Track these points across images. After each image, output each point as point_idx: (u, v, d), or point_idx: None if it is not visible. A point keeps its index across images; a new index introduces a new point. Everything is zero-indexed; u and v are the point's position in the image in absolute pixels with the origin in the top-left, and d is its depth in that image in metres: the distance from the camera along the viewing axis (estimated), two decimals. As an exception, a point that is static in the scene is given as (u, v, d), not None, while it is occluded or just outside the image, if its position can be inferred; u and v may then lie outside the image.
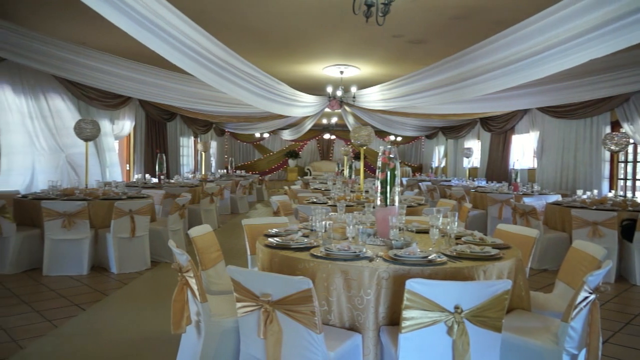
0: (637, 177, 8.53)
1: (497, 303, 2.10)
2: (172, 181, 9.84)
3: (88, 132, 6.59)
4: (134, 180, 9.99)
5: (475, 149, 14.19)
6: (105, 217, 5.66)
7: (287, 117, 12.41)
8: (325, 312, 2.48)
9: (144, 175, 9.93)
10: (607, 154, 8.79)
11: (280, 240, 2.96)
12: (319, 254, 2.63)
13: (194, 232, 3.26)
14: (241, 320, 2.31)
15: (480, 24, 6.22)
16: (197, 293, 2.50)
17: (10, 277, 5.25)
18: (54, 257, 5.38)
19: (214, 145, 18.13)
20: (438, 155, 18.36)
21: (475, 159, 14.42)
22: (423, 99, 7.87)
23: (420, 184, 11.91)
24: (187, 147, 15.12)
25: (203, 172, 12.95)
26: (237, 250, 6.62)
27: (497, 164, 12.84)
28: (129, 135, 11.35)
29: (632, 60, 6.07)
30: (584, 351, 2.35)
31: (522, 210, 6.35)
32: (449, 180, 12.86)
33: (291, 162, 23.13)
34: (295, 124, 16.18)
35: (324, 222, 3.15)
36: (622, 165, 8.89)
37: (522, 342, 2.38)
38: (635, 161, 8.59)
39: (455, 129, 15.78)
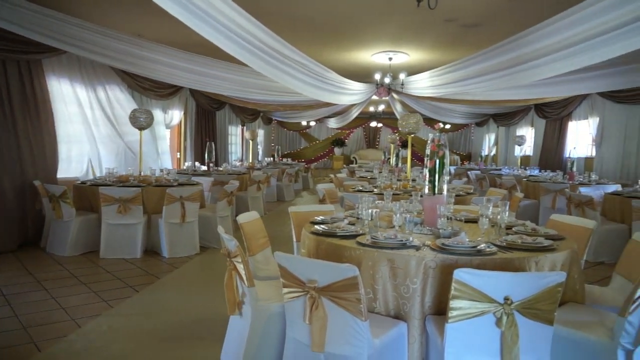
0: None
1: (549, 295, 2.03)
2: (221, 169, 10.06)
3: (142, 121, 6.84)
4: (185, 167, 10.30)
5: (528, 137, 13.67)
6: (158, 203, 5.88)
7: (334, 105, 12.38)
8: (370, 299, 2.49)
9: (194, 163, 10.20)
10: (674, 142, 8.25)
11: (326, 228, 2.98)
12: (365, 242, 2.63)
13: (242, 218, 3.33)
14: (287, 306, 2.35)
15: (538, 4, 5.94)
16: (244, 278, 2.56)
17: (69, 259, 5.57)
18: (110, 240, 5.65)
19: (261, 133, 18.39)
20: (488, 143, 17.83)
21: (527, 147, 13.90)
22: (475, 85, 7.64)
23: (468, 172, 11.62)
24: (235, 135, 15.40)
25: (250, 160, 13.17)
26: (283, 237, 6.72)
27: (551, 153, 12.32)
28: (180, 123, 11.68)
29: None
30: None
31: (577, 200, 6.09)
32: (500, 169, 12.45)
33: (337, 151, 23.13)
34: (342, 112, 16.12)
35: (370, 210, 3.14)
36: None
37: (575, 335, 2.30)
38: None
39: (507, 116, 15.25)
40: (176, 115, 10.95)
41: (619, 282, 2.99)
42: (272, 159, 16.00)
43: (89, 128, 7.77)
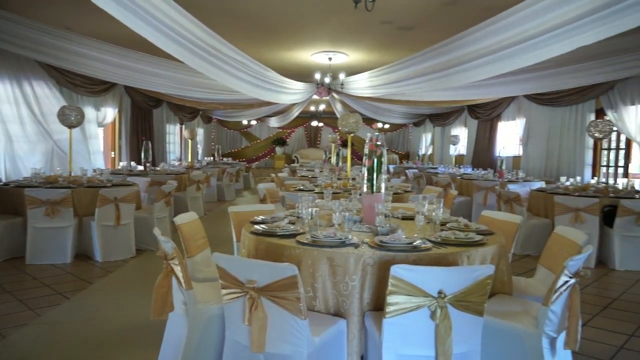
0: (619, 164, 8.66)
1: (479, 288, 2.13)
2: (158, 169, 9.76)
3: (72, 119, 6.49)
4: (119, 167, 9.90)
5: (462, 136, 14.27)
6: (90, 205, 5.60)
7: (275, 104, 12.34)
8: (310, 298, 2.50)
9: (130, 163, 9.84)
10: (591, 141, 8.90)
11: (266, 228, 2.96)
12: (305, 241, 2.64)
13: (180, 219, 3.25)
14: (226, 307, 2.31)
15: (470, 10, 6.21)
16: (182, 280, 2.50)
17: (-7, 265, 5.20)
18: (37, 245, 5.32)
19: (200, 132, 17.99)
20: (425, 142, 18.43)
21: (461, 147, 14.50)
22: (411, 86, 7.87)
23: (407, 171, 11.96)
24: (174, 134, 14.98)
25: (189, 160, 12.87)
26: (223, 237, 6.61)
27: (483, 151, 12.93)
28: (114, 122, 11.20)
29: (618, 47, 6.12)
30: (563, 334, 2.40)
31: (506, 197, 6.43)
32: (436, 168, 12.93)
33: (278, 150, 23.06)
34: (283, 111, 16.10)
35: (310, 209, 3.16)
36: (605, 152, 9.00)
37: (503, 325, 2.42)
38: (617, 148, 8.70)
39: (442, 116, 15.83)
40: (110, 113, 10.50)
41: (543, 273, 3.18)
42: (212, 158, 15.72)
43: (12, 125, 7.28)
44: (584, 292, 4.69)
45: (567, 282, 2.33)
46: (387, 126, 20.45)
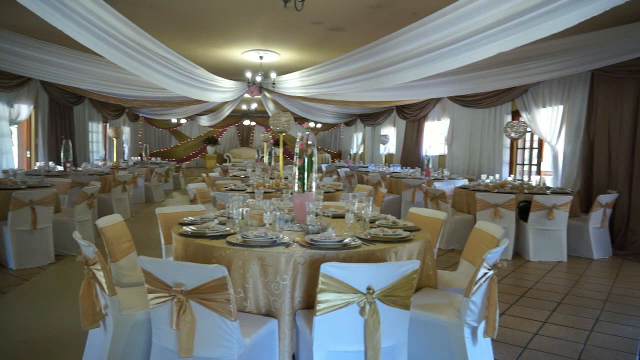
0: (533, 162, 9.30)
1: (406, 282, 2.21)
2: (80, 169, 9.23)
3: (-21, 116, 5.99)
4: (36, 168, 9.27)
5: (391, 136, 14.69)
6: (1, 209, 5.20)
7: (205, 102, 12.06)
8: (241, 299, 2.48)
9: (47, 163, 9.23)
10: (508, 141, 9.48)
11: (195, 229, 2.90)
12: (235, 241, 2.61)
13: (102, 222, 3.10)
14: (153, 312, 2.24)
15: (397, 13, 6.40)
16: (105, 286, 2.39)
17: None
18: (-59, 253, 4.87)
19: (126, 131, 17.22)
20: (356, 142, 18.79)
21: (391, 146, 14.93)
22: (342, 87, 7.99)
23: (338, 170, 12.13)
24: (97, 133, 14.22)
25: (114, 160, 12.28)
26: (151, 240, 6.37)
27: (411, 151, 13.40)
28: (30, 119, 10.45)
29: (531, 54, 6.55)
30: (483, 323, 2.55)
31: (432, 194, 6.70)
32: (366, 167, 13.24)
33: (210, 149, 22.58)
34: (214, 109, 15.77)
35: (241, 209, 3.12)
36: (520, 151, 9.64)
37: (428, 317, 2.53)
38: (531, 148, 9.34)
39: (372, 117, 16.22)
40: (24, 109, 9.77)
41: (465, 266, 3.35)
42: (139, 158, 15.10)
43: None
44: (502, 283, 5.00)
45: (486, 273, 2.47)
46: (319, 126, 20.65)
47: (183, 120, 21.13)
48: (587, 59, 6.37)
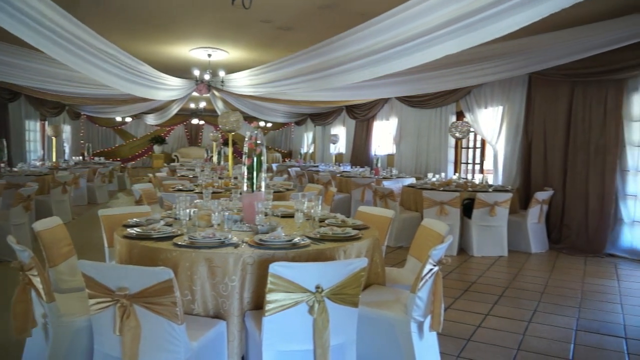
0: (477, 161, 9.66)
1: (354, 280, 2.24)
2: (16, 169, 8.74)
3: None
4: (-34, 168, 8.69)
5: (341, 136, 14.83)
6: None
7: (151, 100, 11.72)
8: (188, 301, 2.43)
9: (-21, 164, 8.66)
10: (453, 141, 9.79)
11: (140, 231, 2.81)
12: (182, 243, 2.56)
13: (40, 225, 2.95)
14: (94, 318, 2.15)
15: (346, 14, 6.46)
16: (42, 293, 2.27)
17: None
18: None
19: (67, 129, 16.44)
20: (307, 141, 18.84)
21: (341, 145, 15.07)
22: (291, 86, 7.97)
23: (289, 169, 12.12)
24: (35, 131, 13.51)
25: (54, 160, 11.71)
26: (94, 244, 6.11)
27: (361, 150, 13.57)
28: (-42, 116, 9.79)
29: (475, 57, 6.79)
30: (429, 318, 2.62)
31: (381, 193, 6.82)
32: (317, 166, 13.30)
33: (157, 149, 21.94)
34: (161, 107, 15.34)
35: (188, 210, 3.06)
36: (465, 150, 9.98)
37: (376, 314, 2.58)
38: (475, 147, 9.70)
39: (322, 116, 16.31)
40: (-49, 106, 9.14)
41: (413, 263, 3.44)
42: (81, 157, 14.48)
43: None
44: (448, 278, 5.17)
45: (431, 269, 2.55)
46: (269, 125, 20.54)
47: (128, 119, 20.42)
48: (525, 62, 6.68)
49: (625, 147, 6.33)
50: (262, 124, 18.99)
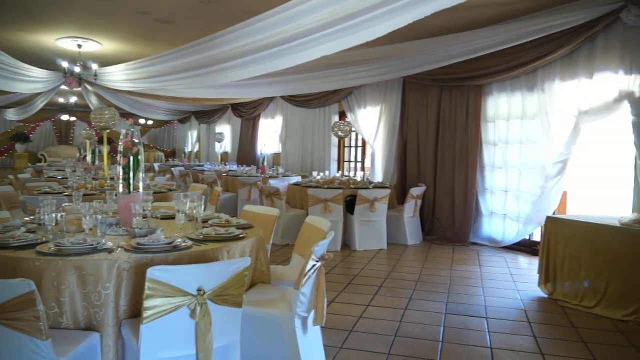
0: (358, 159, 10.13)
1: (237, 280, 2.22)
2: None
3: None
4: None
5: (226, 134, 14.60)
6: None
7: (11, 93, 10.50)
8: (55, 314, 2.23)
9: None
10: (336, 140, 10.14)
11: (-5, 239, 2.51)
12: (46, 251, 2.34)
13: None
14: (-62, 341, 1.88)
15: (227, 11, 6.36)
16: None
17: None
18: None
19: None
20: (191, 139, 18.24)
21: (227, 144, 14.84)
22: (172, 82, 7.64)
23: (172, 169, 11.66)
24: None
25: None
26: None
27: (247, 149, 13.49)
28: None
29: (354, 59, 7.09)
30: (312, 313, 2.70)
31: (267, 191, 6.85)
32: (202, 165, 12.95)
33: (19, 147, 19.69)
34: (23, 101, 13.79)
35: (54, 214, 2.80)
36: (347, 149, 10.41)
37: (261, 313, 2.59)
38: (356, 146, 10.16)
39: (207, 114, 15.90)
40: None
41: (297, 260, 3.50)
42: None
43: None
44: (332, 273, 5.35)
45: (314, 265, 2.62)
46: (150, 122, 19.51)
47: (-18, 113, 18.06)
48: (399, 66, 7.14)
49: (482, 146, 7.07)
50: (142, 121, 17.98)
